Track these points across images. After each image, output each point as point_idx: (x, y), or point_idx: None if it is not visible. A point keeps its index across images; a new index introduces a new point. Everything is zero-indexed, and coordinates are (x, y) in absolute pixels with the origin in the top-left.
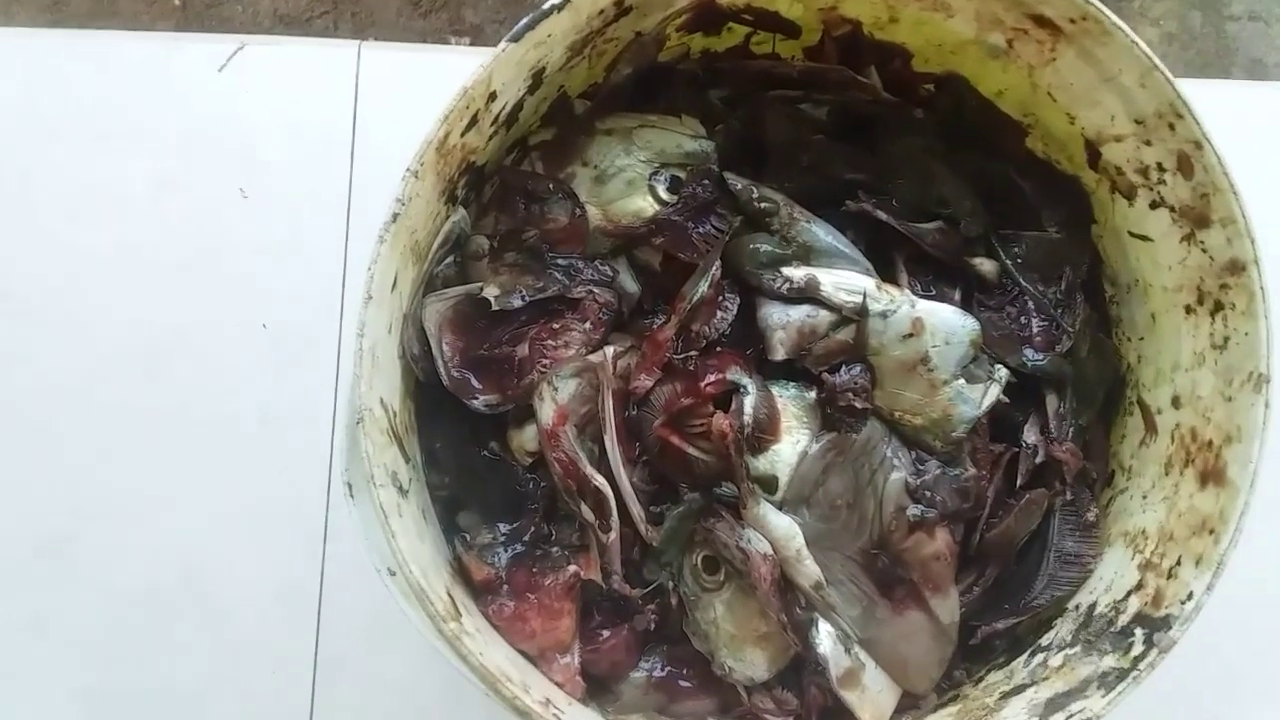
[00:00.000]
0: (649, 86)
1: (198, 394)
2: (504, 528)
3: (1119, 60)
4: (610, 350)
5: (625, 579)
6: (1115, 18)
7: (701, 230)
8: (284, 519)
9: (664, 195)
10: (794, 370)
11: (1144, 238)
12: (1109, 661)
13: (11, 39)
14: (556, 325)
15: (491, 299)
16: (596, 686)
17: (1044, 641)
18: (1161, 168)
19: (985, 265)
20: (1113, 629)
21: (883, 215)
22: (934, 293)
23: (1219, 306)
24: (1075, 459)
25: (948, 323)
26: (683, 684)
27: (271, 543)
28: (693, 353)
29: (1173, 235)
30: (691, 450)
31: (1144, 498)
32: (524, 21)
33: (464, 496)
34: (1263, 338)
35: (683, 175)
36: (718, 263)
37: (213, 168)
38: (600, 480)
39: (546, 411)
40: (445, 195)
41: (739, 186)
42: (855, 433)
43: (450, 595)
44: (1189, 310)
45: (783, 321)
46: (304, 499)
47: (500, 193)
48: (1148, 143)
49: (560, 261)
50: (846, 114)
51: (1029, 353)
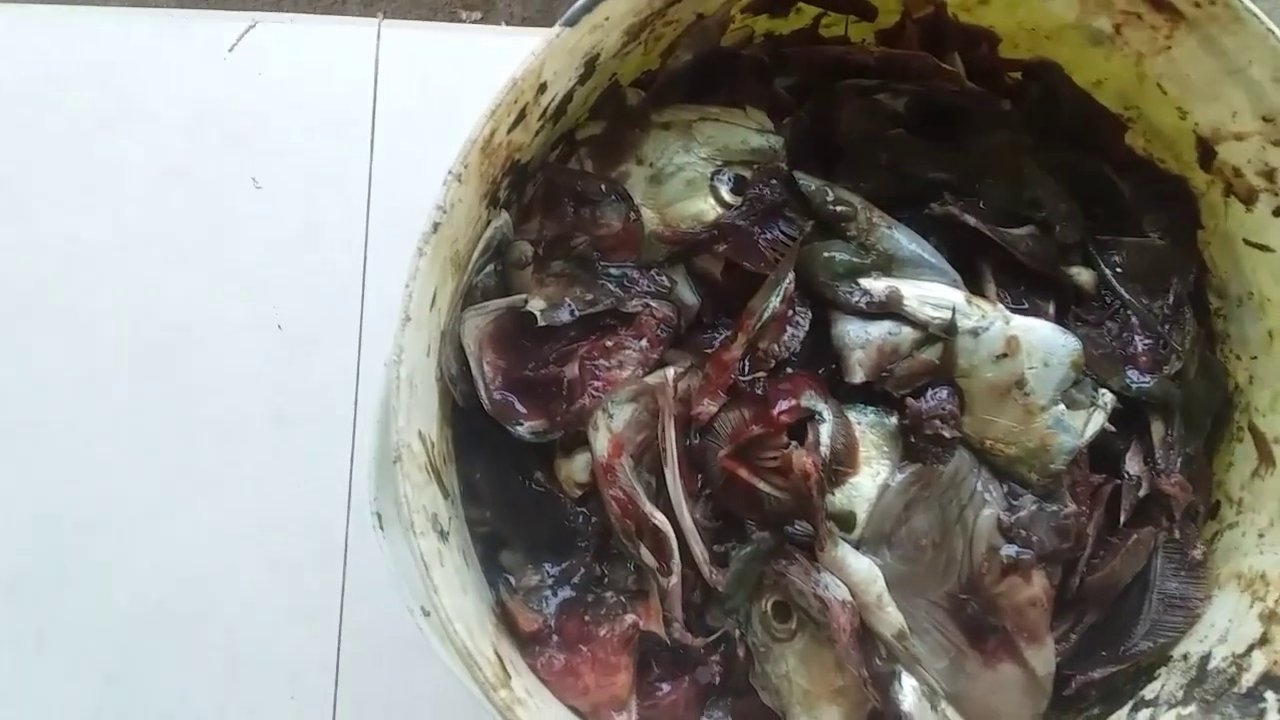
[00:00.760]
0: (709, 74)
1: (207, 395)
2: (552, 568)
3: (1250, 50)
4: (671, 372)
5: (687, 626)
6: (1249, 2)
7: (769, 236)
8: (301, 530)
9: (727, 197)
10: (872, 393)
11: (1264, 247)
12: None
13: (5, 15)
14: (609, 343)
15: (537, 313)
16: None
17: (1147, 694)
18: None
19: (1083, 275)
20: (1235, 689)
21: (971, 220)
22: (1026, 306)
23: None
24: (1184, 492)
25: (1046, 341)
26: None
27: (288, 555)
28: (761, 374)
29: None
30: (762, 485)
31: (1260, 536)
32: (580, 3)
33: (507, 533)
34: None
35: (748, 175)
36: (790, 274)
37: (223, 155)
38: (660, 518)
39: (601, 443)
40: (487, 198)
41: (811, 187)
42: (942, 464)
43: (498, 654)
44: None
45: (861, 340)
46: (322, 508)
47: (546, 194)
48: (1276, 143)
49: (612, 271)
50: (927, 106)
51: (1133, 374)
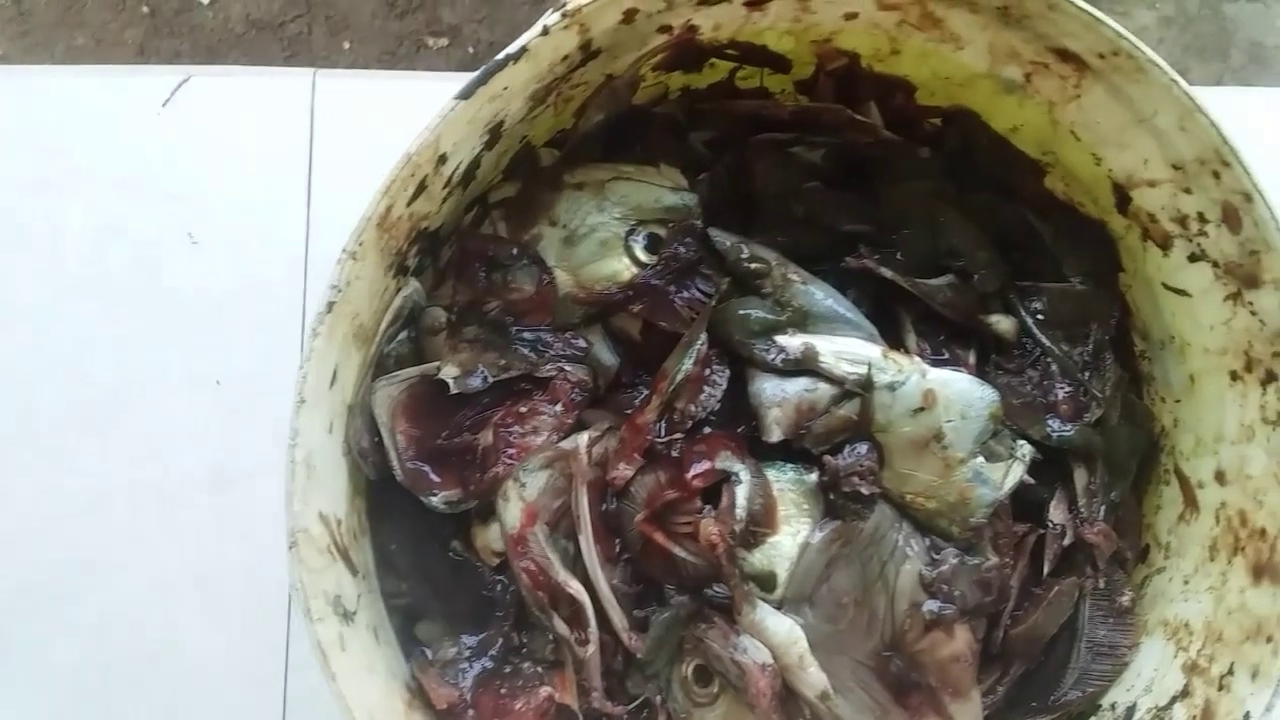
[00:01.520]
0: (623, 132)
1: (146, 453)
2: (469, 640)
3: (1155, 100)
4: (584, 437)
5: (608, 693)
6: (1152, 53)
7: (685, 295)
8: (243, 588)
9: (642, 256)
10: (792, 451)
11: (1181, 292)
12: None
13: None
14: (524, 409)
15: (450, 381)
16: None
17: None
18: (1203, 218)
19: (1003, 323)
20: None
21: (887, 272)
22: (946, 355)
23: (1271, 377)
24: (1108, 541)
25: (964, 394)
26: None
27: (230, 614)
28: (678, 435)
29: (1215, 293)
30: (678, 550)
31: (1185, 583)
32: (474, 76)
33: (424, 604)
34: None
35: (663, 233)
36: (703, 334)
37: (159, 211)
38: (576, 586)
39: (512, 513)
40: (393, 269)
41: (726, 244)
42: (862, 520)
43: None
44: (1235, 377)
45: (778, 397)
46: (263, 565)
47: (459, 259)
48: (1187, 190)
49: (526, 335)
50: (845, 157)
51: (1054, 423)
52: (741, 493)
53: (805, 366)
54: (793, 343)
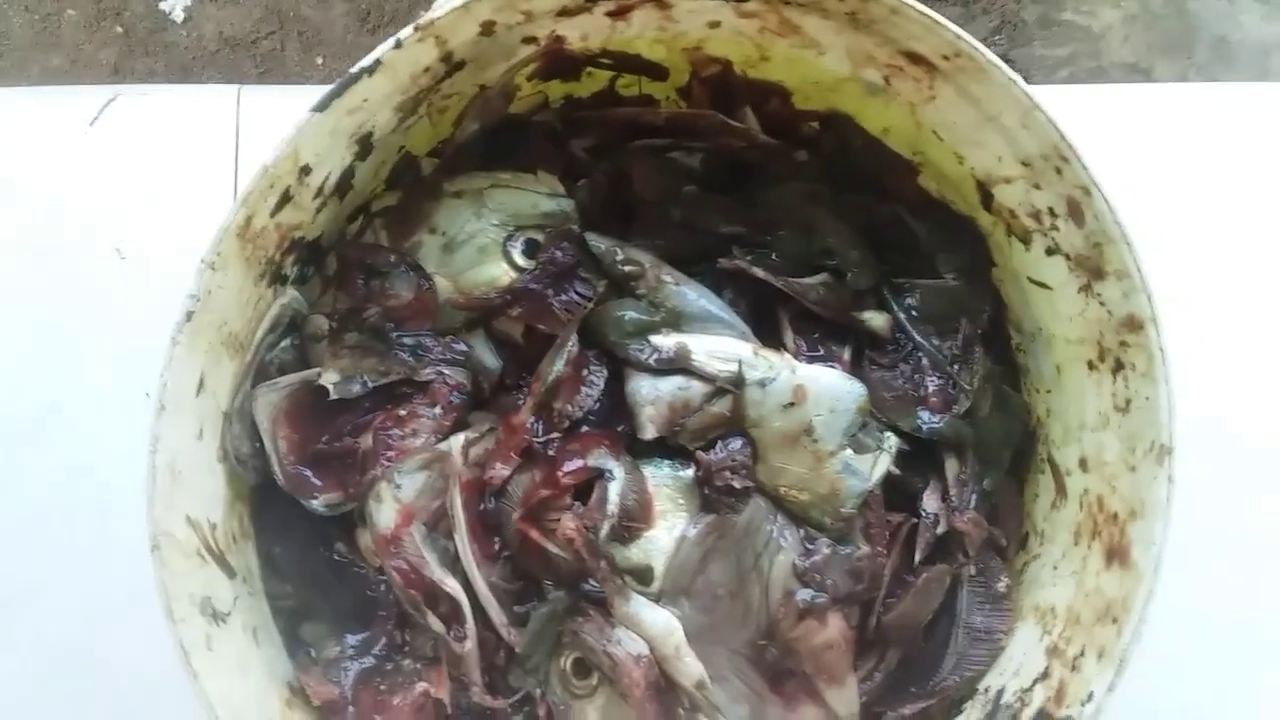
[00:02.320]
0: (503, 141)
1: (80, 470)
2: (353, 639)
3: (998, 100)
4: (459, 439)
5: (489, 687)
6: (991, 55)
7: (563, 298)
8: None
9: (520, 261)
10: (668, 448)
11: (1043, 285)
12: None
13: None
14: (403, 412)
15: (330, 386)
16: None
17: None
18: (1053, 213)
19: (876, 320)
20: None
21: (759, 272)
22: (822, 352)
23: (1120, 365)
24: (978, 529)
25: (832, 389)
26: None
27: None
28: (555, 435)
29: (1071, 285)
30: (551, 547)
31: (1055, 568)
32: (330, 89)
33: (310, 606)
34: (1163, 404)
35: (540, 238)
36: (574, 337)
37: (85, 228)
38: (453, 584)
39: (386, 514)
40: (267, 278)
41: (601, 248)
42: (736, 514)
43: None
44: (1091, 366)
45: (652, 396)
46: None
47: (339, 268)
48: (1037, 186)
49: (407, 341)
50: (723, 161)
51: (924, 415)
52: (614, 489)
53: (679, 365)
54: (666, 342)
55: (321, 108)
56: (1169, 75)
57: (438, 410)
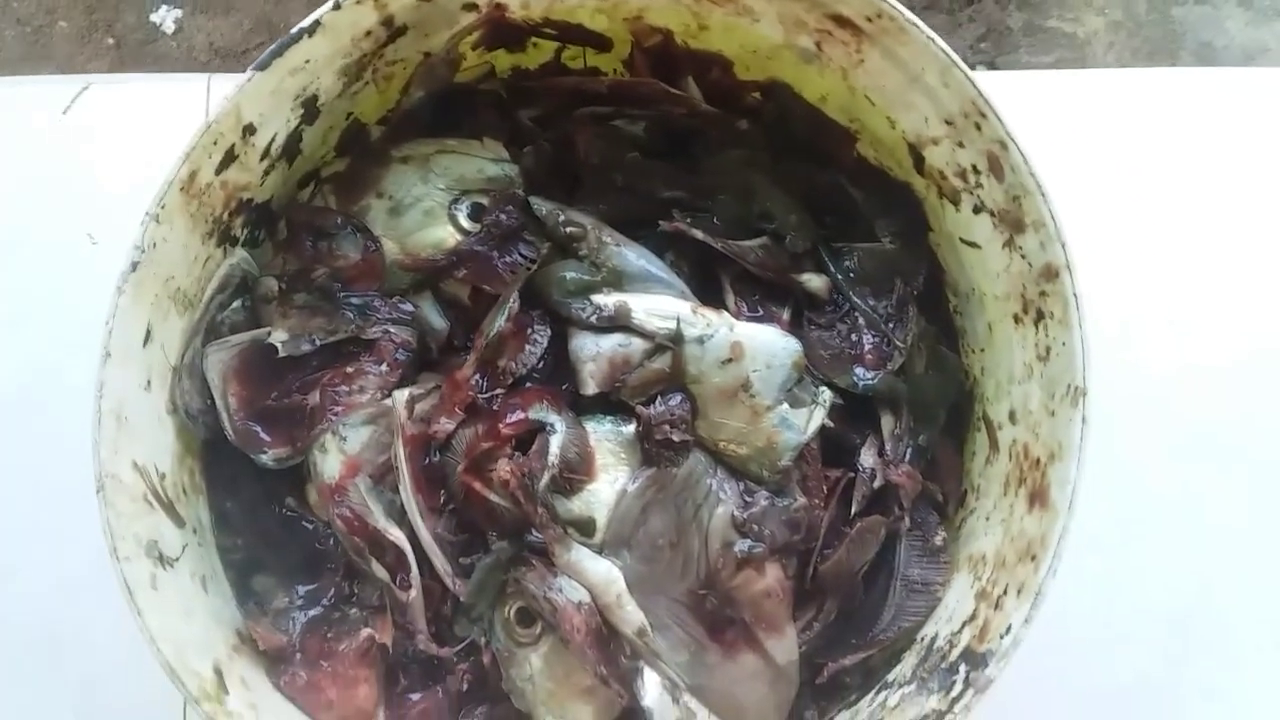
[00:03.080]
0: (450, 110)
1: (55, 455)
2: (302, 590)
3: (920, 59)
4: (404, 394)
5: (435, 636)
6: (910, 15)
7: (508, 260)
8: None
9: (466, 224)
10: (611, 405)
11: (974, 244)
12: (933, 702)
13: None
14: (350, 369)
15: (278, 344)
16: None
17: (890, 677)
18: (976, 170)
19: (814, 281)
20: (944, 665)
21: (698, 234)
22: (761, 313)
23: (1041, 315)
24: (913, 482)
25: (768, 345)
26: None
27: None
28: (499, 391)
29: (996, 241)
30: (493, 497)
31: (986, 519)
32: (271, 48)
33: (260, 558)
34: (1078, 348)
35: (485, 202)
36: (515, 295)
37: (58, 214)
38: (397, 534)
39: (331, 465)
40: (215, 236)
41: (544, 211)
42: (676, 467)
43: (219, 672)
44: (1017, 320)
45: (593, 353)
46: None
47: (288, 231)
48: (960, 144)
49: (354, 301)
50: (666, 129)
51: (860, 372)
52: (555, 442)
53: (619, 323)
54: (607, 301)
55: (263, 66)
56: None
57: (384, 368)
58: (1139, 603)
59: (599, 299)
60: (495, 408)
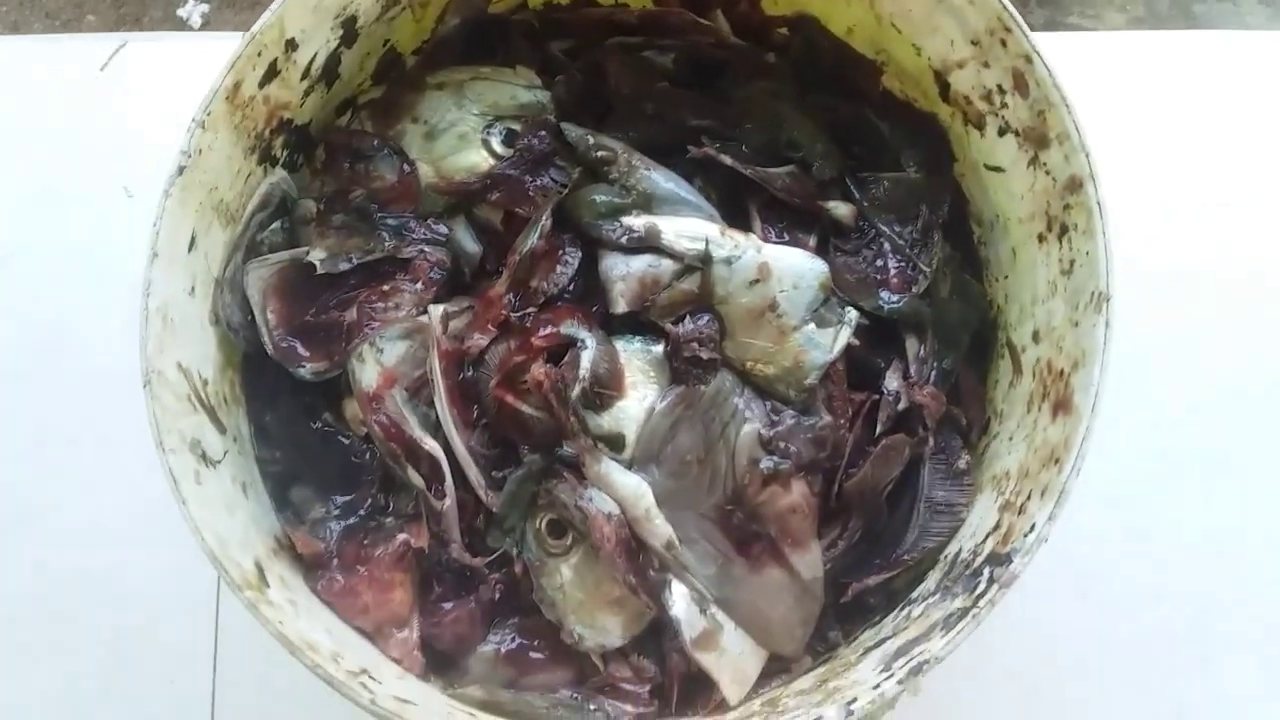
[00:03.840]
0: (485, 40)
1: (87, 398)
2: (338, 500)
3: None
4: (438, 310)
5: (468, 548)
6: None
7: (539, 183)
8: (177, 523)
9: (499, 149)
10: (641, 326)
11: (998, 169)
12: (957, 604)
13: None
14: (386, 287)
15: (317, 263)
16: (442, 662)
17: (915, 595)
18: (1001, 89)
19: (840, 209)
20: (968, 572)
21: (727, 160)
22: (788, 240)
23: (1064, 229)
24: (937, 403)
25: (795, 267)
26: (534, 656)
27: (164, 549)
28: (531, 309)
29: (1021, 161)
30: (526, 409)
31: (1010, 439)
32: None
33: (298, 471)
34: (1101, 255)
35: (518, 128)
36: (548, 214)
37: (95, 168)
38: (432, 444)
39: (369, 374)
40: (256, 153)
41: (575, 135)
42: (704, 385)
43: (260, 567)
44: (1041, 239)
45: (623, 273)
46: None
47: (326, 154)
48: (986, 64)
49: (390, 222)
50: (694, 61)
51: (885, 295)
52: (586, 356)
53: (649, 244)
54: (637, 222)
55: None
56: None
57: (419, 285)
58: (1167, 555)
59: (629, 220)
60: (528, 325)
